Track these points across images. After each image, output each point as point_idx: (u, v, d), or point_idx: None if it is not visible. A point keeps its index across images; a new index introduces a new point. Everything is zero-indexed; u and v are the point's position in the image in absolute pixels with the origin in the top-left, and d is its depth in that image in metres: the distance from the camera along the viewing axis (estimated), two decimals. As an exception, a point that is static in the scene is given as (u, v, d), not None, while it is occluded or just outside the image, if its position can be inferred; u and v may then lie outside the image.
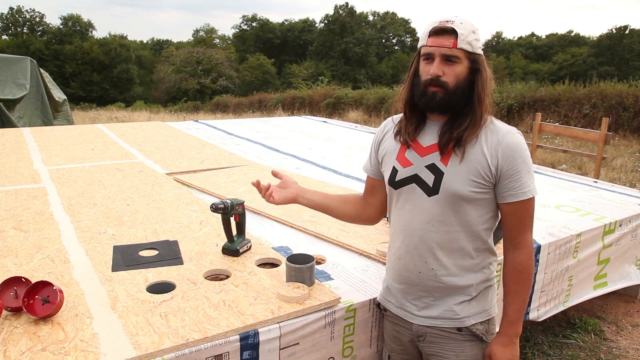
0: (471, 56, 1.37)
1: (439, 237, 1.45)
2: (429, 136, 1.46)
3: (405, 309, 1.56)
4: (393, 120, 1.60)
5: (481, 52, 1.40)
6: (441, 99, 1.38)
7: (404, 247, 1.51)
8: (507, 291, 1.48)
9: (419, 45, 1.44)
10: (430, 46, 1.38)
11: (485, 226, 1.46)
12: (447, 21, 1.36)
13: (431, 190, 1.43)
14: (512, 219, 1.43)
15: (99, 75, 40.29)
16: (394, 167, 1.52)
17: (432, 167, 1.43)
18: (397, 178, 1.50)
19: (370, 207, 1.71)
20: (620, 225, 2.93)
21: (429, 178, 1.43)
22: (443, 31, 1.36)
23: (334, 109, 18.59)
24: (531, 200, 1.41)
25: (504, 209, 1.43)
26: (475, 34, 1.37)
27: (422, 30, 1.46)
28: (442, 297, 1.49)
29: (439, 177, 1.42)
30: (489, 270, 1.52)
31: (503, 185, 1.39)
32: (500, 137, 1.39)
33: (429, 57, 1.39)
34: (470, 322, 1.49)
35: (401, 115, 1.54)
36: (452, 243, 1.45)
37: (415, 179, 1.46)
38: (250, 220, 2.68)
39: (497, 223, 1.50)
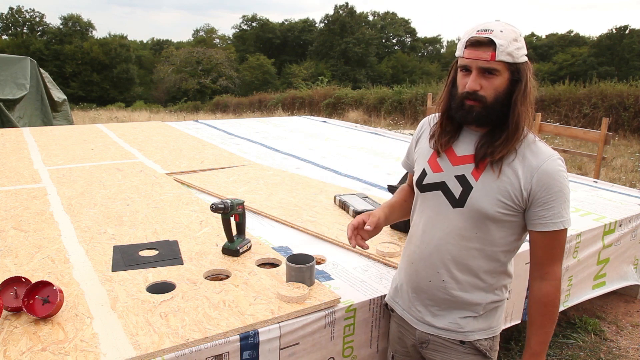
0: (512, 67, 1.29)
1: (455, 250, 1.40)
2: (465, 146, 1.40)
3: (411, 313, 1.53)
4: (429, 122, 1.54)
5: (524, 60, 1.31)
6: (478, 114, 1.31)
7: (419, 253, 1.48)
8: (532, 322, 1.41)
9: (456, 54, 1.36)
10: (466, 58, 1.30)
11: (506, 248, 1.40)
12: (485, 30, 1.28)
13: (457, 202, 1.38)
14: (541, 248, 1.36)
15: (99, 75, 40.27)
16: (424, 169, 1.48)
17: (461, 179, 1.38)
18: (425, 181, 1.46)
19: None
20: (620, 225, 2.93)
21: (456, 189, 1.38)
22: (480, 43, 1.27)
23: (334, 109, 18.59)
24: (563, 232, 1.34)
25: (533, 236, 1.37)
26: (518, 42, 1.29)
27: (462, 34, 1.37)
28: (448, 309, 1.46)
29: (467, 190, 1.36)
30: (501, 292, 1.47)
31: (534, 212, 1.32)
32: (539, 161, 1.31)
33: (466, 69, 1.32)
34: (475, 337, 1.45)
35: (437, 115, 1.47)
36: (468, 260, 1.40)
37: (442, 186, 1.41)
38: (250, 220, 2.68)
39: (518, 247, 1.44)
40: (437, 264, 1.43)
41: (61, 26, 44.49)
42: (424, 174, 1.48)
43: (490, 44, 1.27)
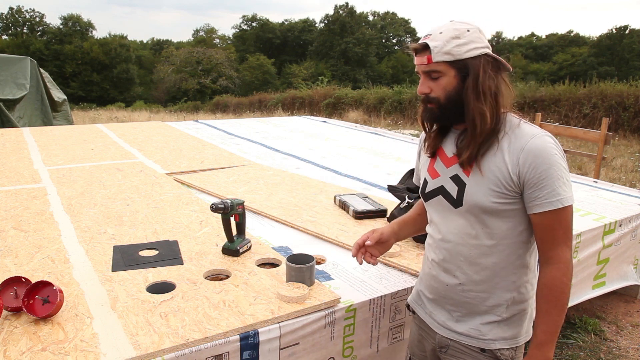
0: (457, 64, 1.29)
1: (466, 251, 1.38)
2: (452, 146, 1.42)
3: (433, 317, 1.51)
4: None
5: (473, 54, 1.29)
6: (435, 114, 1.36)
7: (434, 256, 1.47)
8: (538, 310, 1.35)
9: None
10: (415, 65, 1.37)
11: (519, 239, 1.35)
12: (426, 36, 1.32)
13: (455, 202, 1.38)
14: (542, 231, 1.31)
15: (99, 75, 40.28)
16: (425, 178, 1.49)
17: (455, 178, 1.38)
18: (427, 190, 1.47)
19: None
20: (620, 225, 2.93)
21: (453, 190, 1.38)
22: (417, 50, 1.33)
23: (334, 109, 18.59)
24: (563, 210, 1.27)
25: (533, 220, 1.32)
26: (461, 39, 1.28)
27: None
28: (470, 314, 1.42)
29: (461, 189, 1.36)
30: (525, 289, 1.40)
31: (528, 194, 1.28)
32: (523, 142, 1.28)
33: (420, 76, 1.38)
34: (496, 345, 1.39)
35: None
36: (481, 258, 1.37)
37: (441, 190, 1.42)
38: (250, 220, 2.68)
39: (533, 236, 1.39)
40: (451, 268, 1.42)
41: (61, 26, 44.52)
42: (425, 182, 1.49)
43: (425, 48, 1.31)
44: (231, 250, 2.14)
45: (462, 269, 1.40)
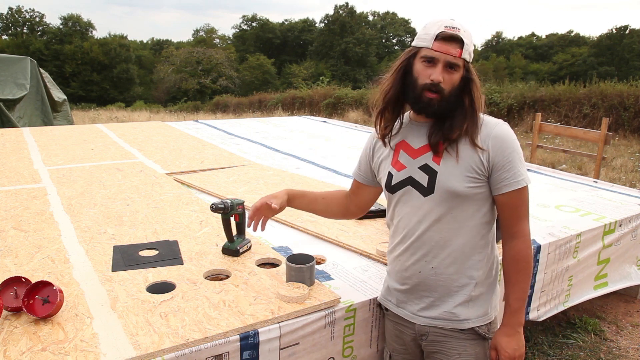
0: (466, 65, 1.41)
1: (437, 235, 1.45)
2: (419, 138, 1.48)
3: (406, 308, 1.56)
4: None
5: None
6: (438, 105, 1.39)
7: (404, 247, 1.52)
8: (507, 281, 1.48)
9: (418, 44, 1.40)
10: (435, 51, 1.36)
11: (483, 220, 1.46)
12: (454, 28, 1.36)
13: (426, 190, 1.44)
14: (507, 210, 1.44)
15: (99, 75, 40.29)
16: (389, 172, 1.53)
17: (425, 168, 1.45)
18: (393, 182, 1.52)
19: (352, 205, 1.78)
20: (620, 225, 2.93)
21: (423, 178, 1.45)
22: (451, 38, 1.35)
23: (334, 109, 18.59)
24: (525, 189, 1.42)
25: (499, 200, 1.44)
26: (471, 43, 1.41)
27: (422, 27, 1.44)
28: (442, 297, 1.49)
29: (432, 177, 1.43)
30: (489, 266, 1.50)
31: (496, 176, 1.40)
32: (489, 129, 1.41)
33: (431, 61, 1.38)
34: (470, 325, 1.49)
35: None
36: (451, 240, 1.45)
37: (409, 181, 1.48)
38: (250, 220, 2.67)
39: (495, 217, 1.50)
40: (422, 254, 1.48)
41: (61, 26, 44.54)
42: (390, 176, 1.53)
43: (459, 41, 1.37)
44: (231, 250, 2.14)
45: (434, 253, 1.47)
